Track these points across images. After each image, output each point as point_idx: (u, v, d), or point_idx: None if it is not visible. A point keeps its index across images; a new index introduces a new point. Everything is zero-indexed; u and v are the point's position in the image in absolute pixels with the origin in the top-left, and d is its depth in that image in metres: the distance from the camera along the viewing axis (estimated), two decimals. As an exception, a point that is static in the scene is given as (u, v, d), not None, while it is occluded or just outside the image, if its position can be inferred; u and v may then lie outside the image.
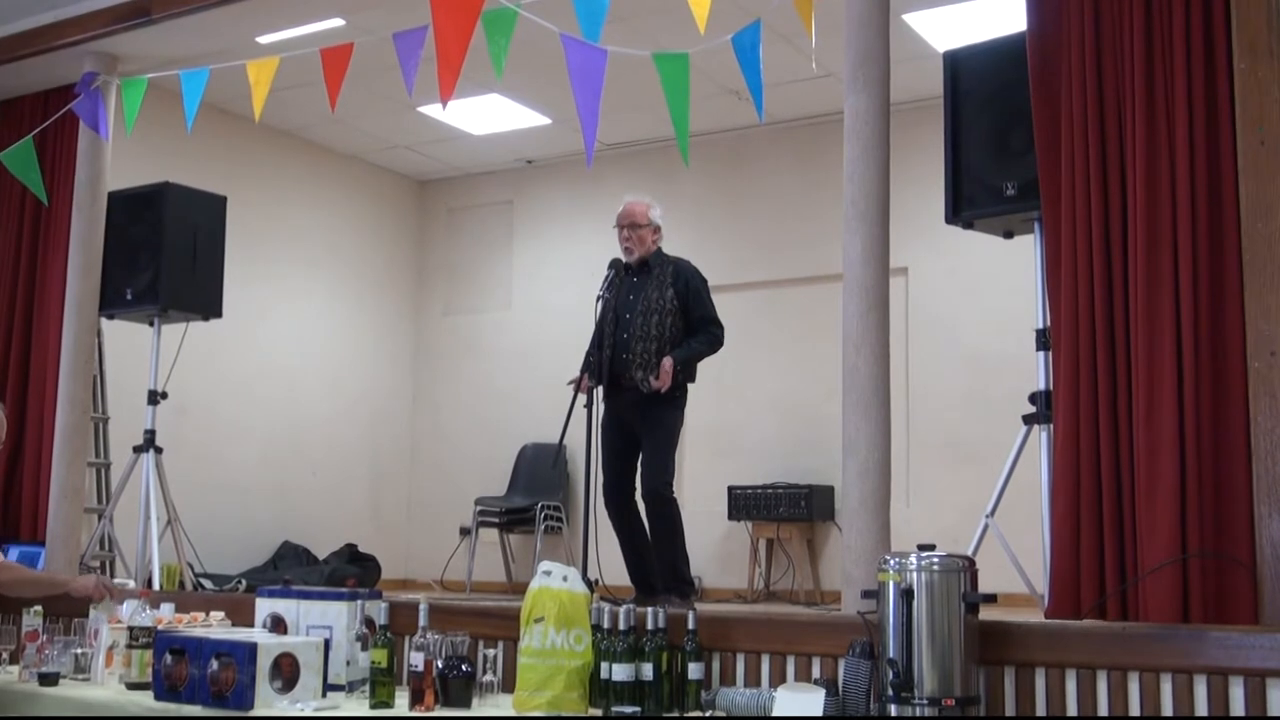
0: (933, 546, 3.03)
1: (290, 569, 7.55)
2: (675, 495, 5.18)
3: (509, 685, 3.52)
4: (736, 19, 4.04)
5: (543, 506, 7.90)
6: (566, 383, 5.23)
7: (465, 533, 8.03)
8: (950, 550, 3.05)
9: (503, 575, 8.28)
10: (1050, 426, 3.84)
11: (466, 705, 3.33)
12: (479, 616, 3.89)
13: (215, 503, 7.30)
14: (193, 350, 6.24)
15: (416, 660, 3.29)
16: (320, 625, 3.70)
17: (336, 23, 6.04)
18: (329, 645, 3.54)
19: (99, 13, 5.63)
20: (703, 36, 3.79)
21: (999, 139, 4.11)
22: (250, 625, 3.88)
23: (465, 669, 3.36)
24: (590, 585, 3.81)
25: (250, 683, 3.21)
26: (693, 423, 5.43)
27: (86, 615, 4.04)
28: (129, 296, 5.92)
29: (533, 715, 3.24)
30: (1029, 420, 4.11)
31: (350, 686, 3.58)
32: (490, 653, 3.64)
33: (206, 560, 6.59)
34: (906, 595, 2.96)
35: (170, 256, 5.86)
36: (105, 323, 6.19)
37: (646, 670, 3.30)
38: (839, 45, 3.93)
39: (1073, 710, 3.02)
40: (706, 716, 3.29)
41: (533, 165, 9.11)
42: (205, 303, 6.05)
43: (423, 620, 3.43)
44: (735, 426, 7.99)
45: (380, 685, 3.36)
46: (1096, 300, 3.52)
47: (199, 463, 7.24)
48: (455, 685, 3.33)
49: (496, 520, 8.00)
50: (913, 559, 3.00)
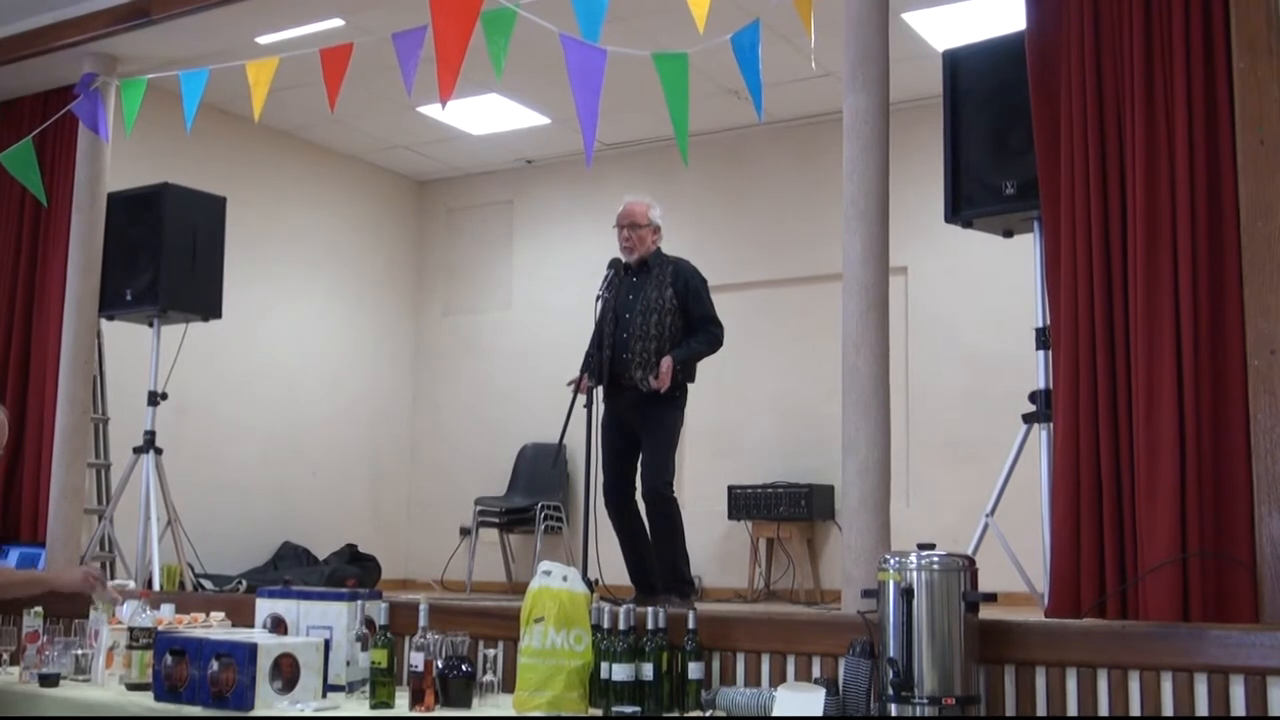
0: (933, 546, 3.03)
1: (290, 569, 7.55)
2: (675, 495, 5.18)
3: (509, 685, 3.51)
4: (736, 18, 4.04)
5: (543, 506, 7.90)
6: (566, 383, 5.23)
7: (465, 533, 8.03)
8: (950, 549, 3.05)
9: (503, 575, 8.28)
10: (1050, 425, 3.84)
11: (466, 705, 3.33)
12: (479, 616, 3.89)
13: (215, 503, 7.30)
14: (192, 351, 6.23)
15: (416, 660, 3.29)
16: (320, 626, 3.70)
17: (336, 23, 6.04)
18: (329, 645, 3.54)
19: (98, 13, 5.63)
20: (702, 36, 3.79)
21: (998, 138, 4.11)
22: (250, 626, 3.87)
23: (465, 669, 3.36)
24: (590, 585, 3.81)
25: (250, 683, 3.21)
26: (693, 422, 5.43)
27: (87, 616, 4.04)
28: (129, 297, 5.92)
29: (533, 715, 3.24)
30: (1029, 419, 4.11)
31: (350, 687, 3.58)
32: (490, 653, 3.63)
33: (206, 561, 6.59)
34: (906, 594, 2.96)
35: (170, 257, 5.86)
36: (105, 323, 6.18)
37: (646, 670, 3.30)
38: (838, 44, 3.93)
39: (1073, 709, 3.02)
40: (707, 716, 3.29)
41: (532, 165, 9.11)
42: (205, 303, 6.05)
43: (423, 620, 3.43)
44: (735, 426, 7.99)
45: (380, 685, 3.36)
46: (1096, 299, 3.52)
47: (199, 463, 7.24)
48: (455, 685, 3.33)
49: (496, 520, 8.00)
50: (913, 558, 3.00)
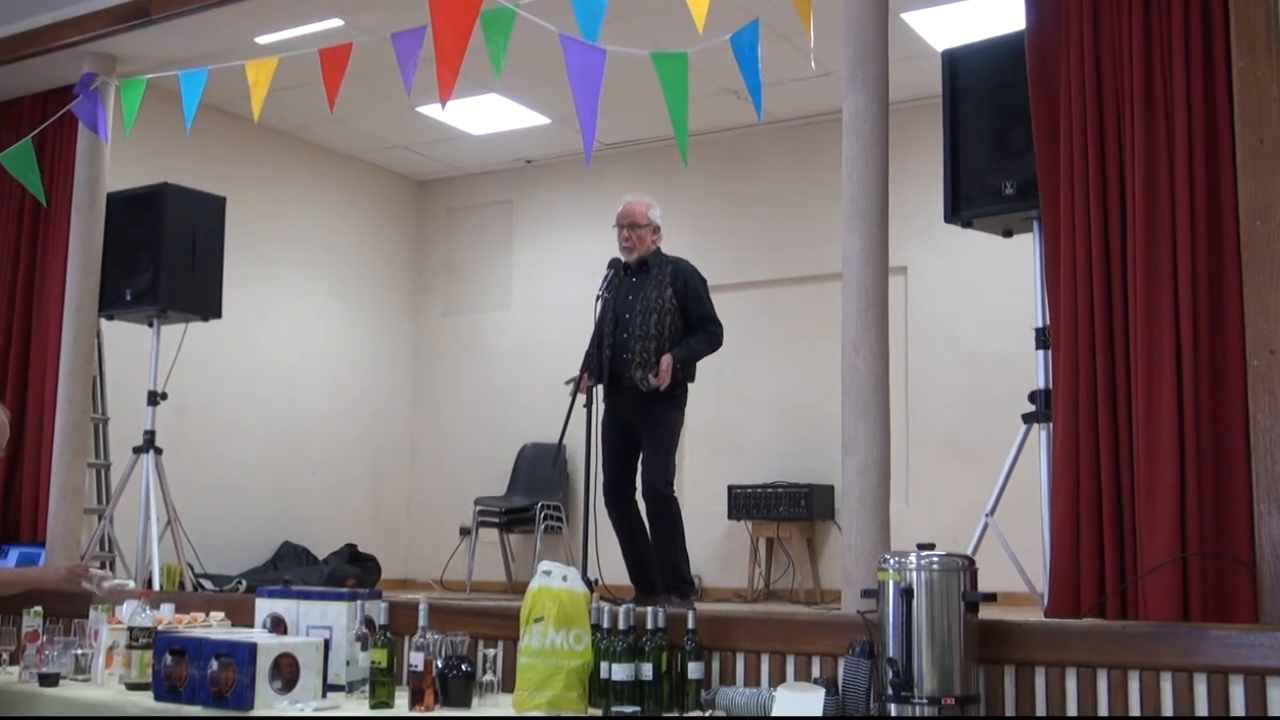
0: (932, 545, 3.02)
1: (290, 569, 7.55)
2: (675, 494, 5.19)
3: (509, 685, 3.51)
4: (735, 18, 4.04)
5: (542, 506, 7.90)
6: (564, 381, 5.23)
7: (465, 533, 8.03)
8: (950, 549, 3.05)
9: (502, 575, 8.29)
10: (1050, 425, 3.84)
11: (466, 705, 3.33)
12: (479, 616, 3.89)
13: (215, 503, 7.30)
14: (192, 351, 6.23)
15: (416, 660, 3.29)
16: (320, 625, 3.70)
17: (335, 23, 6.04)
18: (329, 645, 3.54)
19: (98, 13, 5.63)
20: (701, 36, 3.79)
21: (998, 138, 4.11)
22: (250, 625, 3.87)
23: (465, 669, 3.36)
24: (590, 585, 3.82)
25: (250, 683, 3.21)
26: (693, 422, 5.44)
27: (86, 616, 4.04)
28: (128, 297, 5.92)
29: (532, 715, 3.24)
30: (1028, 419, 4.11)
31: (350, 686, 3.58)
32: (490, 652, 3.63)
33: (206, 560, 6.59)
34: (906, 594, 2.96)
35: (169, 257, 5.86)
36: (105, 323, 6.18)
37: (646, 670, 3.30)
38: (838, 44, 3.93)
39: (1073, 709, 3.02)
40: (706, 716, 3.29)
41: (532, 165, 9.11)
42: (205, 303, 6.04)
43: (422, 620, 3.42)
44: (735, 426, 7.99)
45: (380, 685, 3.36)
46: (1096, 299, 3.52)
47: (199, 463, 7.24)
48: (455, 685, 3.33)
49: (496, 520, 8.00)
50: (912, 558, 3.00)
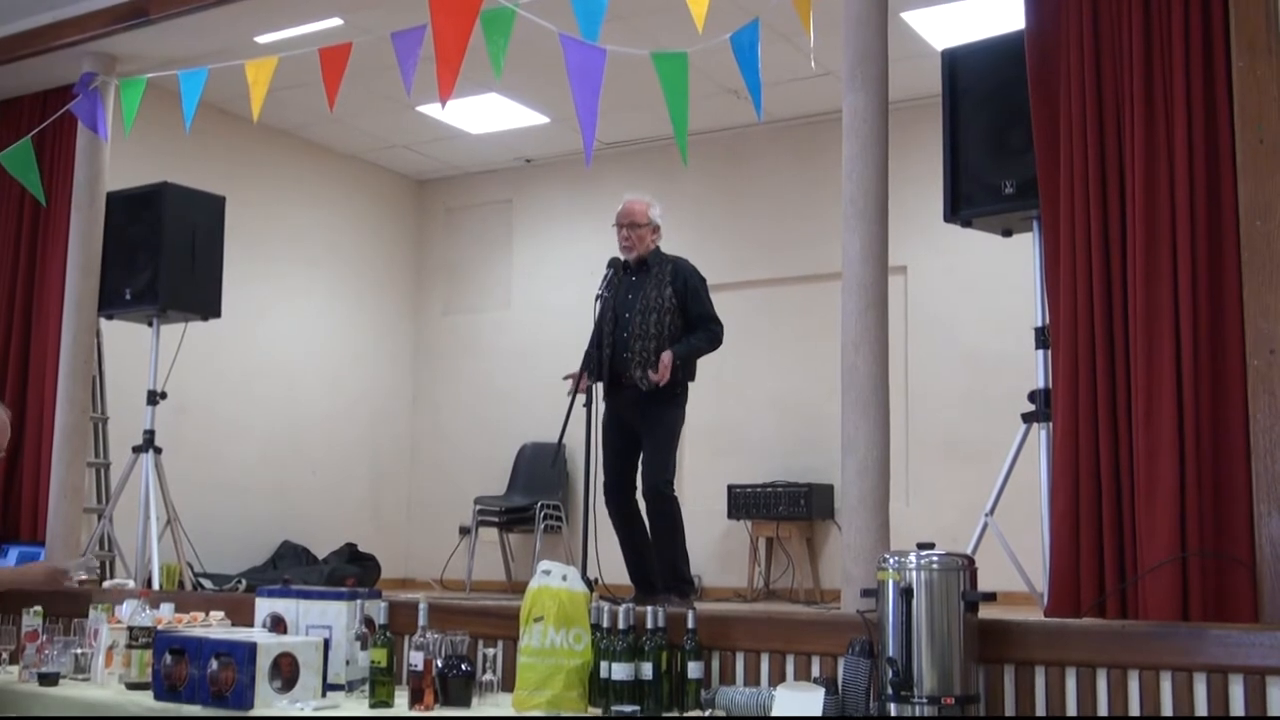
0: (932, 545, 3.02)
1: (290, 568, 7.55)
2: (675, 494, 5.19)
3: (508, 684, 3.51)
4: (735, 18, 4.04)
5: (542, 505, 7.90)
6: (563, 377, 5.23)
7: (465, 532, 8.03)
8: (950, 549, 3.04)
9: (502, 574, 8.29)
10: (1049, 425, 3.84)
11: (466, 704, 3.33)
12: (478, 616, 3.89)
13: (215, 502, 7.30)
14: (192, 350, 6.23)
15: (416, 659, 3.29)
16: (320, 625, 3.69)
17: (335, 22, 6.04)
18: (329, 645, 3.54)
19: (97, 13, 5.62)
20: (701, 35, 3.79)
21: (997, 137, 4.11)
22: (250, 625, 3.87)
23: (465, 668, 3.36)
24: (589, 584, 3.82)
25: (250, 682, 3.21)
26: (693, 421, 5.44)
27: (86, 615, 4.04)
28: (128, 296, 5.92)
29: (532, 714, 3.24)
30: (1028, 419, 4.11)
31: (350, 686, 3.58)
32: (490, 652, 3.63)
33: (206, 560, 6.59)
34: (906, 594, 2.96)
35: (169, 256, 5.86)
36: (104, 323, 6.18)
37: (646, 669, 3.30)
38: (837, 44, 3.93)
39: (1072, 709, 3.01)
40: (706, 715, 3.29)
41: (532, 164, 9.11)
42: (204, 302, 6.04)
43: (422, 619, 3.42)
44: (735, 425, 7.99)
45: (380, 685, 3.36)
46: (1095, 298, 3.52)
47: (198, 462, 7.24)
48: (455, 684, 3.33)
49: (496, 519, 8.01)
50: (912, 557, 2.99)
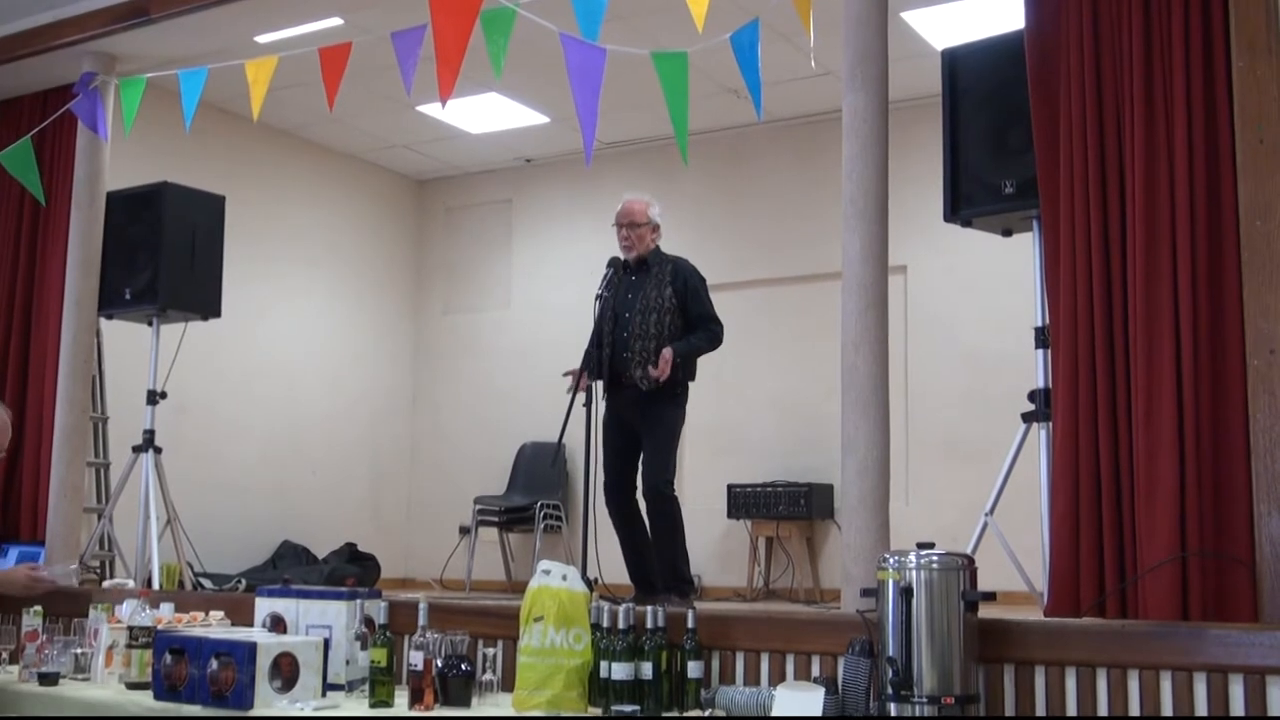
0: (932, 545, 3.02)
1: (290, 568, 7.55)
2: (676, 493, 5.18)
3: (508, 684, 3.51)
4: (735, 17, 4.04)
5: (542, 505, 7.90)
6: (563, 374, 5.22)
7: (465, 532, 8.03)
8: (949, 548, 3.05)
9: (502, 574, 8.29)
10: (1049, 424, 3.84)
11: (466, 704, 3.33)
12: (478, 615, 3.89)
13: (215, 502, 7.30)
14: (192, 350, 6.23)
15: (416, 659, 3.29)
16: (320, 625, 3.70)
17: (335, 22, 6.04)
18: (328, 645, 3.54)
19: (97, 12, 5.62)
20: (701, 35, 3.79)
21: (997, 137, 4.11)
22: (250, 625, 3.87)
23: (465, 668, 3.36)
24: (589, 584, 3.82)
25: (250, 682, 3.21)
26: (693, 421, 5.43)
27: (86, 615, 4.04)
28: (128, 296, 5.91)
29: (532, 714, 3.24)
30: (1028, 418, 4.11)
31: (350, 686, 3.58)
32: (490, 652, 3.63)
33: (206, 560, 6.59)
34: (906, 593, 2.96)
35: (169, 256, 5.85)
36: (104, 322, 6.18)
37: (646, 669, 3.30)
38: (837, 43, 3.93)
39: (1072, 708, 3.02)
40: (706, 715, 3.29)
41: (531, 164, 9.11)
42: (204, 302, 6.04)
43: (422, 619, 3.42)
44: (735, 425, 7.99)
45: (380, 684, 3.36)
46: (1095, 298, 3.52)
47: (198, 462, 7.24)
48: (455, 684, 3.33)
49: (496, 519, 8.01)
50: (912, 557, 3.00)
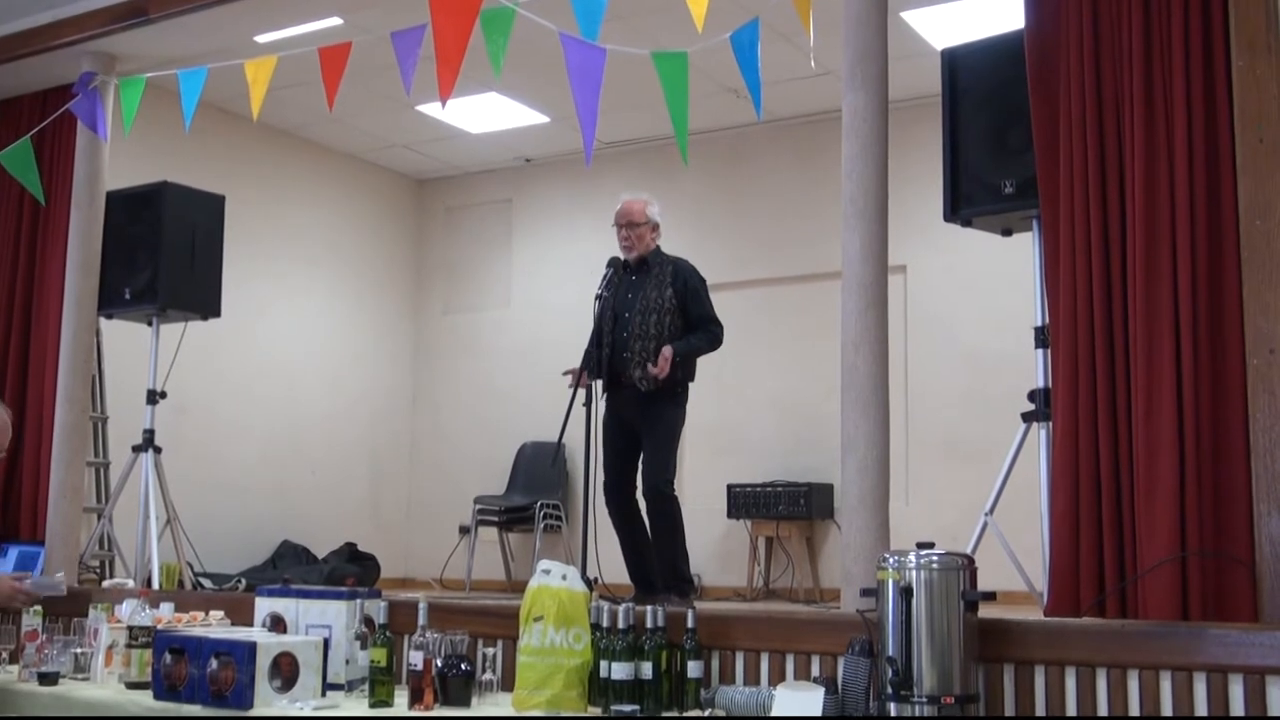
0: (932, 544, 3.02)
1: (290, 568, 7.55)
2: (676, 493, 5.18)
3: (508, 684, 3.51)
4: (735, 17, 4.03)
5: (542, 505, 7.90)
6: (563, 372, 5.22)
7: (464, 531, 8.03)
8: (949, 548, 3.05)
9: (502, 574, 8.29)
10: (1049, 424, 3.84)
11: (466, 704, 3.33)
12: (478, 615, 3.89)
13: (215, 502, 7.30)
14: (191, 349, 6.23)
15: (416, 659, 3.29)
16: (319, 624, 3.70)
17: (334, 22, 6.03)
18: (328, 644, 3.54)
19: (96, 12, 5.62)
20: (701, 35, 3.79)
21: (997, 137, 4.11)
22: (250, 624, 3.87)
23: (464, 668, 3.36)
24: (589, 583, 3.81)
25: (250, 682, 3.21)
26: (692, 420, 5.43)
27: (86, 615, 4.04)
28: (127, 296, 5.92)
29: (532, 714, 3.24)
30: (1028, 418, 4.11)
31: (349, 685, 3.58)
32: (489, 651, 3.63)
33: (206, 559, 6.59)
34: (906, 593, 2.96)
35: (169, 256, 5.86)
36: (104, 322, 6.18)
37: (646, 669, 3.30)
38: (837, 43, 3.93)
39: (1072, 708, 3.02)
40: (706, 715, 3.29)
41: (531, 164, 9.11)
42: (204, 302, 6.04)
43: (422, 619, 3.42)
44: (735, 424, 7.99)
45: (379, 684, 3.36)
46: (1095, 298, 3.52)
47: (198, 462, 7.24)
48: (454, 684, 3.33)
49: (496, 519, 8.01)
50: (912, 557, 3.00)
